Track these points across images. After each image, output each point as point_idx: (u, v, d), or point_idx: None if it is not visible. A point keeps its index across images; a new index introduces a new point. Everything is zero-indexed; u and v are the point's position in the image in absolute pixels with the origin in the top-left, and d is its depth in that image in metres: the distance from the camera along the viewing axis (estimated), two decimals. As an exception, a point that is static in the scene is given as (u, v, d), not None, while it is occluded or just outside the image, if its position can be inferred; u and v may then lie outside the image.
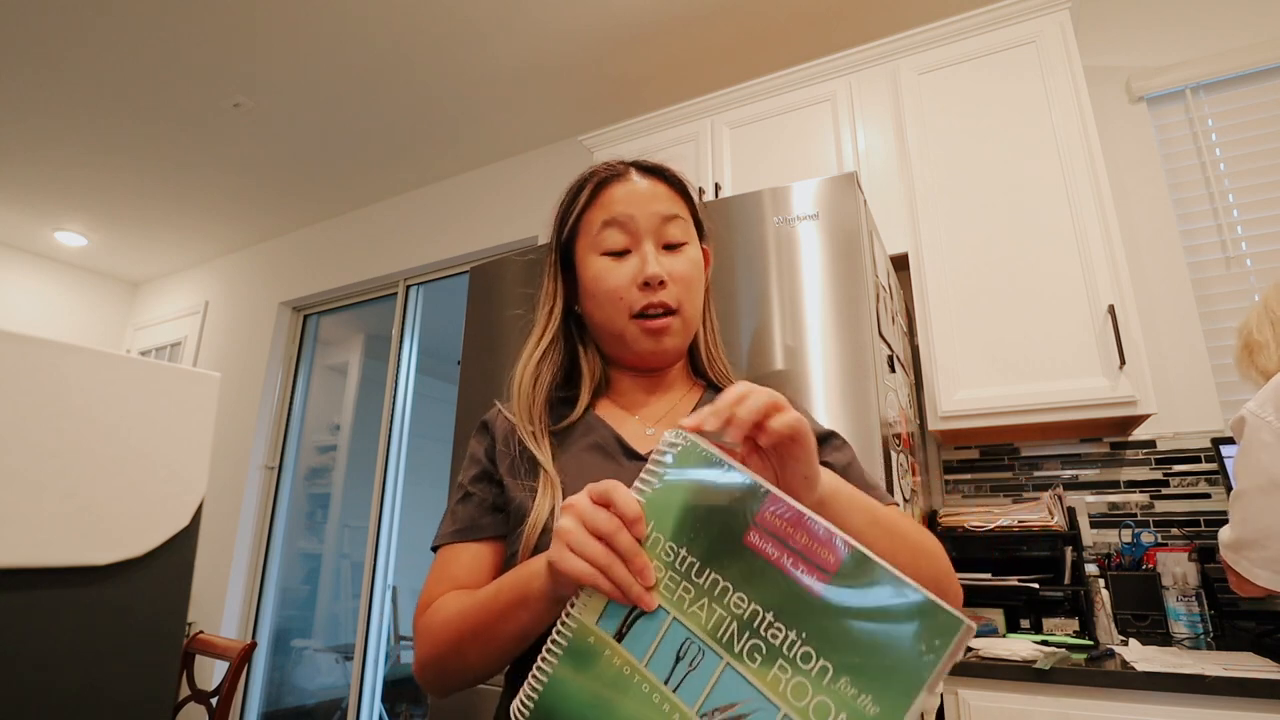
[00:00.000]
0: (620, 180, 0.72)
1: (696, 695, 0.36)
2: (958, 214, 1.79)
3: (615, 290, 0.68)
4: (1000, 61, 1.84)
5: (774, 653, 0.36)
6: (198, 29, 2.32)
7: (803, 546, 0.38)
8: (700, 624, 0.38)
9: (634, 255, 0.69)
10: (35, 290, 4.10)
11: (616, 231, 0.69)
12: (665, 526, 0.42)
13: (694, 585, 0.39)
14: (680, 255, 0.70)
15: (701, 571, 0.39)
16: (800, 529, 0.39)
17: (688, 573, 0.40)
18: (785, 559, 0.38)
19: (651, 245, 0.69)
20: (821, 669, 0.34)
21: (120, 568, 0.22)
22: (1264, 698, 1.09)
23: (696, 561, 0.40)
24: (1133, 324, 1.55)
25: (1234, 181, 1.82)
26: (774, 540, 0.39)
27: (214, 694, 1.62)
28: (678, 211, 0.71)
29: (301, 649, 3.41)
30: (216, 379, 0.27)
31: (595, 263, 0.70)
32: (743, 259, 1.48)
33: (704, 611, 0.38)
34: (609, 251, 0.69)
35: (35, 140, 2.95)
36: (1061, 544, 1.55)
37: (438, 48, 2.44)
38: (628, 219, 0.69)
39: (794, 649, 0.35)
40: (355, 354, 3.73)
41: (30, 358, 0.21)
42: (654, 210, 0.69)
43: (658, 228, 0.69)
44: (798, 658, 0.35)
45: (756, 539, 0.39)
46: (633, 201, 0.70)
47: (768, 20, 2.29)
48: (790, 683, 0.34)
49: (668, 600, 0.40)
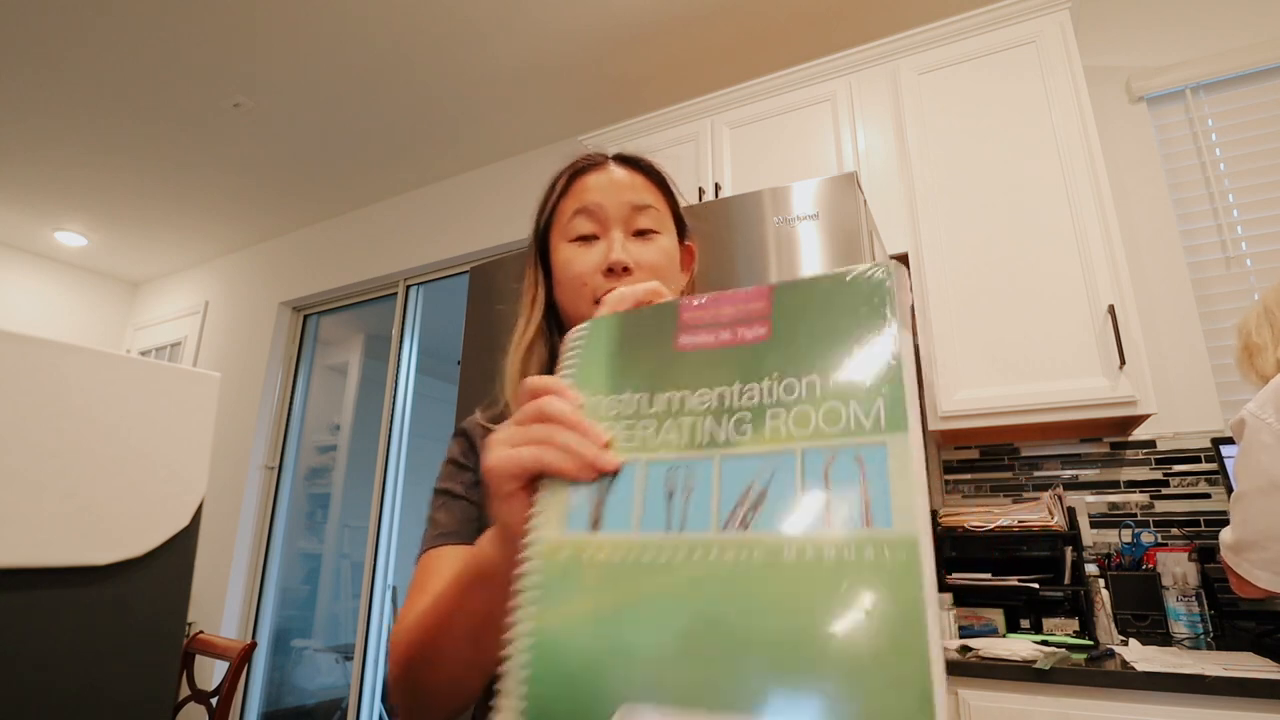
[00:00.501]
0: (596, 170, 0.71)
1: (706, 515, 0.31)
2: (958, 214, 1.79)
3: (580, 276, 0.67)
4: (1000, 61, 1.84)
5: (758, 411, 0.33)
6: (198, 29, 2.32)
7: (731, 316, 0.36)
8: (675, 445, 0.34)
9: (601, 242, 0.68)
10: (35, 290, 4.10)
11: (585, 219, 0.68)
12: (599, 385, 0.38)
13: (651, 417, 0.36)
14: (650, 243, 0.68)
15: (652, 400, 0.36)
16: (722, 303, 0.37)
17: (639, 410, 0.36)
18: (722, 334, 0.36)
19: (620, 232, 0.67)
20: (810, 384, 0.32)
21: (120, 568, 0.22)
22: (1264, 698, 1.09)
23: (644, 394, 0.37)
24: (1133, 324, 1.55)
25: (1234, 181, 1.82)
26: (704, 329, 0.37)
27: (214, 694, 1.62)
28: (651, 202, 0.70)
29: (301, 649, 3.41)
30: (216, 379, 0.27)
31: (563, 249, 0.69)
32: (743, 259, 1.48)
33: (674, 432, 0.34)
34: (577, 238, 0.68)
35: (35, 140, 2.95)
36: (1061, 544, 1.55)
37: (438, 48, 2.44)
38: (596, 206, 0.68)
39: (773, 392, 0.33)
40: (355, 354, 3.73)
41: (30, 358, 0.21)
42: (625, 199, 0.69)
43: (627, 216, 0.68)
44: (782, 395, 0.32)
45: (688, 339, 0.37)
46: (604, 190, 0.69)
47: (768, 20, 2.29)
48: (790, 419, 0.31)
49: (630, 448, 0.35)
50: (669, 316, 0.39)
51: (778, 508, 0.29)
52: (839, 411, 0.30)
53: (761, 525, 0.29)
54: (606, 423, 0.37)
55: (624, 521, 0.33)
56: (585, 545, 0.33)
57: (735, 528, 0.30)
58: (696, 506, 0.31)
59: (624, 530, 0.33)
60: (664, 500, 0.33)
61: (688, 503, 0.32)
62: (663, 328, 0.38)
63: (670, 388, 0.36)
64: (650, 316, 0.40)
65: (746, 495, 0.30)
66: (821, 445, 0.30)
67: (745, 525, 0.30)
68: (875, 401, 0.30)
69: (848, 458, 0.29)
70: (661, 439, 0.35)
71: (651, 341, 0.38)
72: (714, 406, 0.34)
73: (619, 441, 0.36)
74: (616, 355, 0.39)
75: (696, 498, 0.32)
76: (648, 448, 0.35)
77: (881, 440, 0.29)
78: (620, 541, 0.32)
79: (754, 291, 0.36)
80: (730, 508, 0.30)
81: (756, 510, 0.30)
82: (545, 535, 0.34)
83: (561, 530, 0.34)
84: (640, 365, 0.38)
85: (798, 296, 0.35)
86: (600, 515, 0.34)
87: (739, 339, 0.35)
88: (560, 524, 0.34)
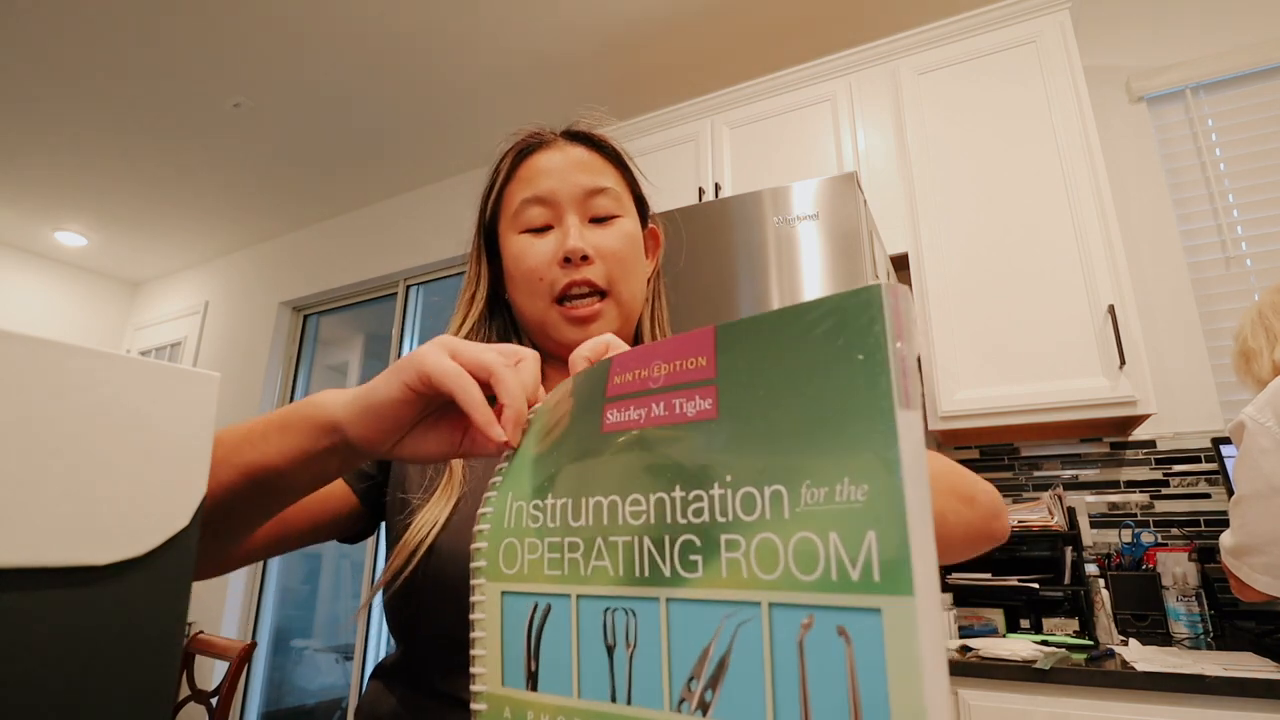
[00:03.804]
0: (544, 149, 0.63)
1: (657, 685, 0.25)
2: (957, 213, 1.79)
3: (534, 270, 0.59)
4: (1000, 61, 1.84)
5: (708, 533, 0.25)
6: (198, 29, 2.32)
7: (666, 378, 0.28)
8: (609, 577, 0.27)
9: (556, 230, 0.60)
10: (35, 290, 4.10)
11: (536, 207, 0.61)
12: (523, 492, 0.32)
13: (579, 534, 0.29)
14: (609, 229, 0.61)
15: (578, 509, 0.29)
16: (653, 359, 0.29)
17: (564, 523, 0.29)
18: (655, 408, 0.28)
19: (575, 218, 0.60)
20: (774, 497, 0.23)
21: (120, 568, 0.22)
22: (1264, 698, 1.09)
23: (567, 500, 0.30)
24: (1133, 324, 1.55)
25: (1234, 181, 1.82)
26: (633, 401, 0.29)
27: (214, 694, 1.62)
28: (608, 183, 0.62)
29: (301, 649, 3.41)
30: (216, 379, 0.27)
31: (515, 242, 0.61)
32: (743, 259, 1.48)
33: (607, 556, 0.28)
34: (529, 228, 0.61)
35: (35, 140, 2.95)
36: (1061, 544, 1.55)
37: (436, 49, 2.44)
38: (549, 193, 0.60)
39: (728, 506, 0.24)
40: (355, 354, 3.73)
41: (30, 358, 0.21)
42: (578, 181, 0.61)
43: (582, 200, 0.61)
44: (739, 512, 0.24)
45: (615, 417, 0.29)
46: (555, 173, 0.61)
47: (768, 20, 2.29)
48: (751, 554, 0.23)
49: (557, 577, 0.29)
50: (598, 382, 0.31)
51: (742, 690, 0.23)
52: (815, 549, 0.22)
53: (723, 713, 0.23)
54: (531, 539, 0.30)
55: (563, 680, 0.27)
56: (526, 707, 0.28)
57: (692, 709, 0.24)
58: (643, 669, 0.25)
59: (563, 694, 0.27)
60: (604, 655, 0.26)
61: (632, 662, 0.26)
62: (592, 401, 0.31)
63: (597, 490, 0.29)
64: (583, 384, 0.32)
65: (704, 662, 0.24)
66: (793, 601, 0.22)
67: (704, 709, 0.23)
68: (864, 537, 0.21)
69: (828, 626, 0.21)
70: (593, 565, 0.28)
71: (578, 426, 0.31)
72: (652, 521, 0.27)
73: (544, 564, 0.29)
74: (543, 448, 0.32)
75: (642, 657, 0.25)
76: (577, 577, 0.28)
77: (874, 604, 0.20)
78: (561, 708, 0.27)
79: (694, 338, 0.28)
80: (684, 678, 0.24)
81: (716, 688, 0.23)
82: (486, 689, 0.30)
83: (498, 681, 0.30)
84: (565, 457, 0.31)
85: (751, 348, 0.26)
86: (536, 666, 0.29)
87: (676, 415, 0.27)
88: (496, 670, 0.30)
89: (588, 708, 0.26)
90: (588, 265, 0.59)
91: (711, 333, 0.27)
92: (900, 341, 0.21)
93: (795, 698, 0.21)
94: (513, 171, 0.64)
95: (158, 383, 0.24)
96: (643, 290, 0.65)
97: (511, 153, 0.64)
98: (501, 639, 0.30)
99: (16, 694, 0.19)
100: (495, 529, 0.32)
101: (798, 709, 0.21)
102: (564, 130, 0.66)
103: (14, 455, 0.20)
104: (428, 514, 0.52)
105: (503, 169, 0.64)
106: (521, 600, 0.30)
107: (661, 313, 0.70)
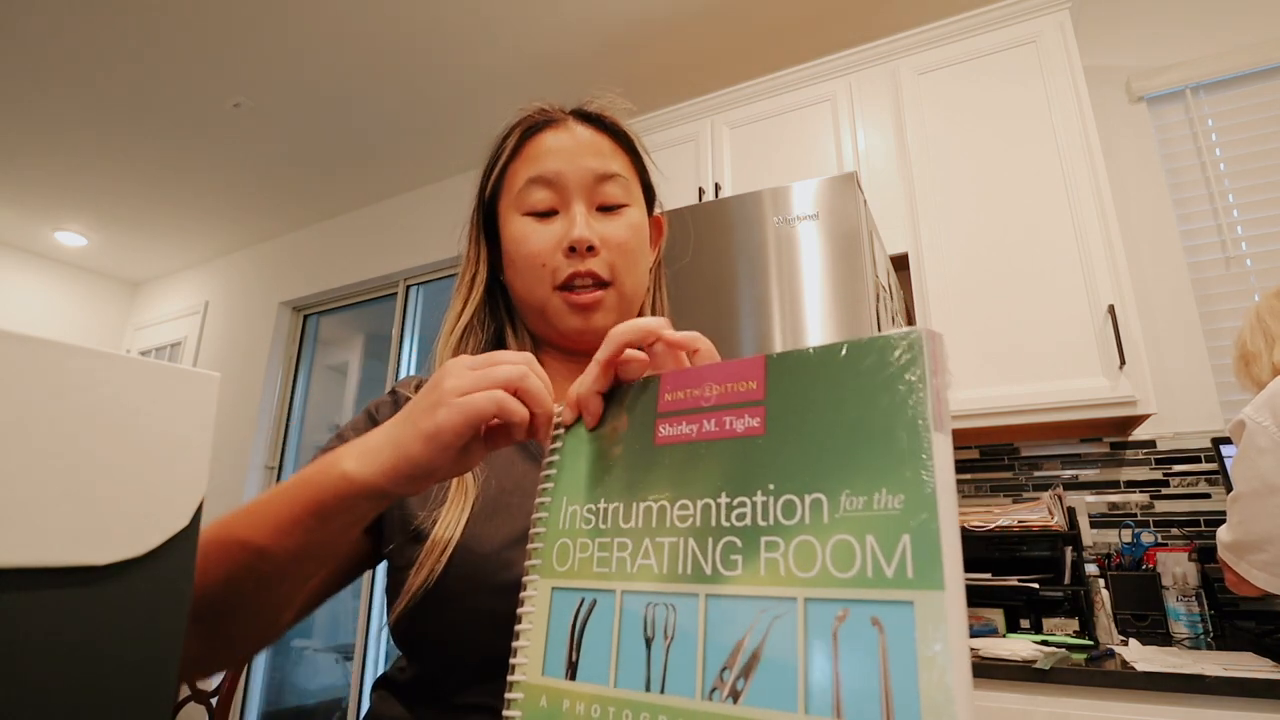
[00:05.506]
0: (553, 128, 0.61)
1: (690, 675, 0.26)
2: (957, 213, 1.79)
3: (537, 255, 0.57)
4: (1000, 61, 1.84)
5: (750, 535, 0.27)
6: (198, 29, 2.32)
7: (718, 397, 0.31)
8: (653, 574, 0.29)
9: (561, 216, 0.58)
10: (35, 290, 4.10)
11: (542, 189, 0.58)
12: (578, 496, 0.34)
13: (628, 534, 0.31)
14: (617, 219, 0.59)
15: (629, 512, 0.31)
16: (706, 380, 0.32)
17: (615, 525, 0.32)
18: (706, 424, 0.31)
19: (582, 205, 0.58)
20: (814, 504, 0.26)
21: (120, 568, 0.22)
22: (1264, 698, 1.09)
23: (619, 504, 0.32)
24: (1133, 324, 1.55)
25: (1234, 181, 1.82)
26: (685, 417, 0.31)
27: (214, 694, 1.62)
28: (618, 169, 0.60)
29: (301, 649, 3.41)
30: (216, 379, 0.27)
31: (516, 224, 0.59)
32: (743, 259, 1.48)
33: (652, 555, 0.30)
34: (532, 211, 0.58)
35: (35, 140, 2.95)
36: (1061, 544, 1.54)
37: (436, 48, 2.44)
38: (555, 175, 0.58)
39: (769, 511, 0.27)
40: (355, 354, 3.73)
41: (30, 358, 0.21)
42: (587, 165, 0.58)
43: (591, 186, 0.58)
44: (779, 517, 0.26)
45: (668, 431, 0.32)
46: (563, 154, 0.58)
47: (768, 20, 2.29)
48: (790, 553, 0.25)
49: (604, 574, 0.31)
50: (649, 401, 0.33)
51: (774, 679, 0.24)
52: (851, 549, 0.24)
53: (754, 700, 0.24)
54: (583, 539, 0.32)
55: (601, 669, 0.29)
56: (563, 695, 0.30)
57: (723, 698, 0.25)
58: (679, 661, 0.27)
59: (600, 683, 0.29)
60: (643, 647, 0.28)
61: (669, 654, 0.27)
62: (645, 415, 0.33)
63: (649, 495, 0.31)
64: (633, 398, 0.35)
65: (737, 653, 0.25)
66: (829, 596, 0.24)
67: (735, 697, 0.25)
68: (899, 539, 0.23)
69: (862, 617, 0.23)
70: (639, 564, 0.30)
71: (631, 436, 0.33)
72: (697, 524, 0.29)
73: (592, 565, 0.31)
74: (597, 453, 0.35)
75: (679, 648, 0.27)
76: (624, 574, 0.30)
77: (908, 597, 0.22)
78: (597, 696, 0.29)
79: (745, 365, 0.31)
80: (717, 668, 0.26)
81: (748, 677, 0.25)
82: (526, 679, 0.31)
83: (538, 671, 0.31)
84: (620, 464, 0.33)
85: (799, 377, 0.29)
86: (577, 657, 0.30)
87: (726, 430, 0.30)
88: (537, 661, 0.31)
89: (622, 696, 0.28)
90: (593, 256, 0.57)
91: (762, 361, 0.30)
92: (935, 376, 0.25)
93: (828, 684, 0.23)
94: (518, 149, 0.61)
95: (158, 383, 0.24)
96: (645, 280, 0.63)
97: (518, 129, 0.61)
98: (547, 632, 0.32)
99: (17, 694, 0.19)
100: (550, 530, 0.34)
101: (830, 695, 0.22)
102: (574, 109, 0.63)
103: (14, 455, 0.20)
104: (451, 512, 0.51)
105: (508, 145, 0.61)
106: (569, 595, 0.32)
107: (663, 302, 0.68)
